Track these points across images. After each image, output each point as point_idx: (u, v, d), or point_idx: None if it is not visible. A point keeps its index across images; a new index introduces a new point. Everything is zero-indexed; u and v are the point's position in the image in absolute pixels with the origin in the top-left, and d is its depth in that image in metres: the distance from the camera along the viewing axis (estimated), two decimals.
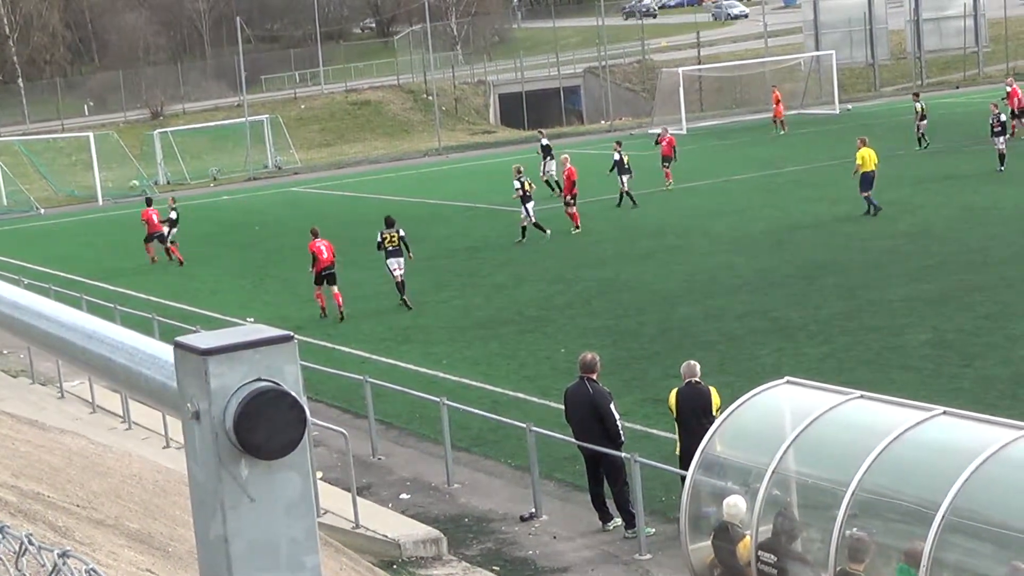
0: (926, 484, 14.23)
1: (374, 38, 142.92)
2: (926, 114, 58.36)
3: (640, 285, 35.78)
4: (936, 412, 14.89)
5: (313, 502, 2.29)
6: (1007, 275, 32.92)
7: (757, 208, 46.45)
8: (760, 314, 31.39)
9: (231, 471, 2.20)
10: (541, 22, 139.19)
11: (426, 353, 30.97)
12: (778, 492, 15.51)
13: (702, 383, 19.11)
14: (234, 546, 2.22)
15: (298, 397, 2.22)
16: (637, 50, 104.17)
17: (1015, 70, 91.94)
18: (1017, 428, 13.93)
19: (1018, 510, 13.30)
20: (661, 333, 30.48)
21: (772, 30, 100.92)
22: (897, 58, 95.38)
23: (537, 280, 37.98)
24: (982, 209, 42.20)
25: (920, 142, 57.83)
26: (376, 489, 22.66)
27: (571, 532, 20.07)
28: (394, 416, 26.27)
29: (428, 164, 73.87)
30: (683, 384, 19.22)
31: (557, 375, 27.60)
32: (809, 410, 15.67)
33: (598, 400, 19.52)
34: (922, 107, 58.39)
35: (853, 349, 27.81)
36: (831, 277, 34.60)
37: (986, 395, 23.54)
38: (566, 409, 20.31)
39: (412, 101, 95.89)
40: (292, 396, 2.22)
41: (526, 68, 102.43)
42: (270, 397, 2.19)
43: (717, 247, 40.04)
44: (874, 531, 14.40)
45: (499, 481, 22.60)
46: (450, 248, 44.14)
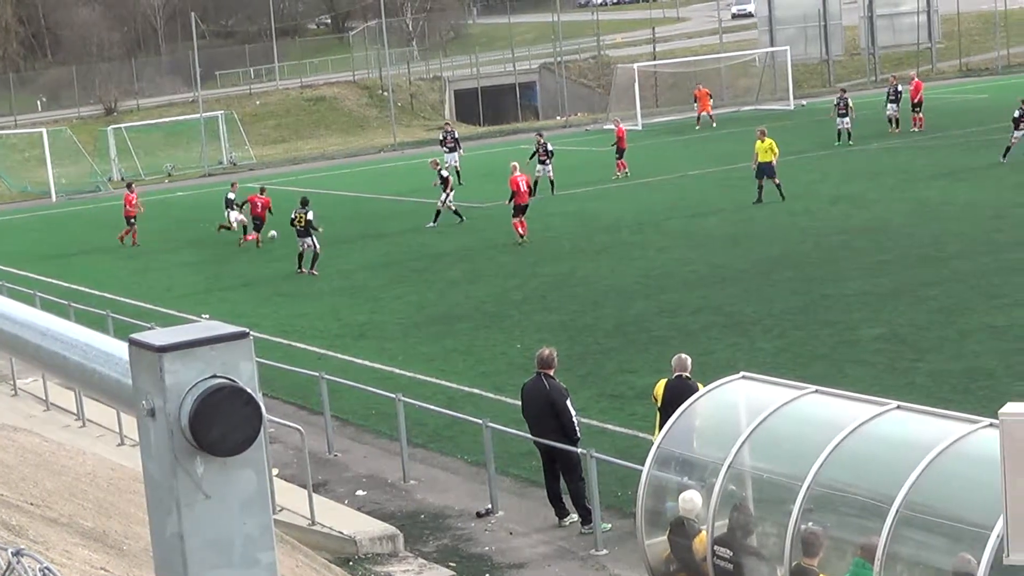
0: (880, 478, 14.31)
1: (329, 34, 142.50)
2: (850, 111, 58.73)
3: (596, 280, 35.82)
4: (890, 406, 14.96)
5: (269, 499, 2.29)
6: (959, 270, 33.10)
7: (712, 203, 46.57)
8: (715, 309, 31.47)
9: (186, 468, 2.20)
10: (497, 18, 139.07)
11: (382, 349, 30.93)
12: (734, 487, 15.57)
13: (691, 378, 19.09)
14: (189, 543, 2.22)
15: (253, 394, 2.23)
16: (592, 46, 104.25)
17: (967, 66, 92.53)
18: (969, 422, 14.02)
19: (969, 503, 13.38)
20: (617, 328, 30.52)
21: (727, 26, 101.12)
22: (851, 54, 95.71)
23: (493, 276, 37.98)
24: (935, 204, 42.43)
25: (840, 136, 58.37)
26: (332, 486, 22.63)
27: (527, 528, 20.09)
28: (350, 413, 26.23)
29: (383, 160, 73.74)
30: (672, 376, 19.24)
31: (513, 371, 27.61)
32: (764, 405, 15.73)
33: (554, 396, 19.54)
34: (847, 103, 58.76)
35: (807, 344, 27.92)
36: (785, 272, 34.72)
37: (939, 389, 23.68)
38: (523, 405, 20.33)
39: (367, 97, 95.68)
40: (247, 393, 2.22)
41: (482, 64, 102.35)
42: (225, 394, 2.19)
43: (672, 242, 40.13)
44: (829, 525, 14.47)
45: (455, 477, 22.60)
46: (405, 244, 44.08)
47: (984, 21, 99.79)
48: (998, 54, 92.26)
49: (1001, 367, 24.97)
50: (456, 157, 58.14)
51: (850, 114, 58.47)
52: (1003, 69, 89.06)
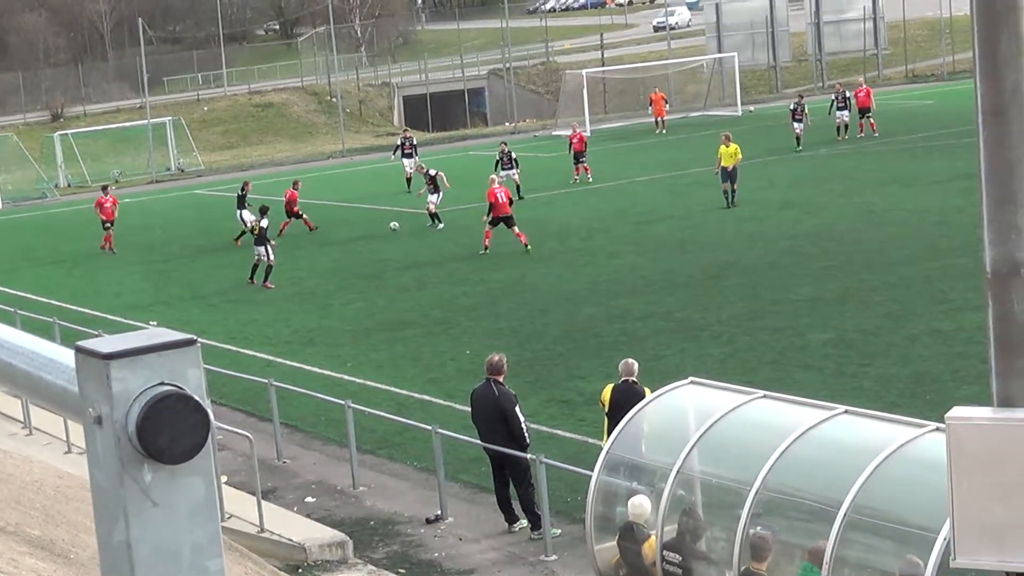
0: (828, 482, 14.38)
1: (277, 40, 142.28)
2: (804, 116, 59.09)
3: (544, 286, 35.86)
4: (838, 411, 15.05)
5: (217, 506, 2.29)
6: (906, 275, 33.30)
7: (661, 209, 46.70)
8: (664, 315, 31.55)
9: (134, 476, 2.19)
10: (445, 24, 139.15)
11: (331, 356, 30.87)
12: (683, 492, 15.61)
13: (638, 383, 19.11)
14: (137, 552, 2.22)
15: (201, 401, 2.22)
16: (541, 52, 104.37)
17: (913, 72, 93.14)
18: (916, 426, 14.11)
19: (916, 506, 13.47)
20: (565, 334, 30.56)
21: (675, 32, 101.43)
22: (798, 60, 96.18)
23: (441, 282, 37.96)
24: (882, 210, 42.67)
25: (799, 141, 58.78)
26: (281, 493, 22.56)
27: (477, 534, 20.09)
28: (299, 419, 26.16)
29: (332, 166, 73.62)
30: (619, 381, 19.26)
31: (462, 377, 27.59)
32: (713, 410, 15.79)
33: (503, 402, 19.55)
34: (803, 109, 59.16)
35: (756, 349, 28.03)
36: (734, 278, 34.85)
37: (886, 394, 23.82)
38: (472, 411, 20.32)
39: (316, 103, 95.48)
40: (195, 400, 2.21)
41: (430, 70, 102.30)
42: (173, 401, 2.19)
43: (621, 248, 40.20)
44: (777, 530, 14.54)
45: (405, 483, 22.57)
46: (354, 250, 44.01)
47: (930, 28, 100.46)
48: (944, 60, 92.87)
49: (947, 371, 25.13)
50: (414, 163, 57.83)
51: (805, 120, 58.71)
52: (948, 75, 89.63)
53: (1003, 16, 9.22)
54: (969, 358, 25.15)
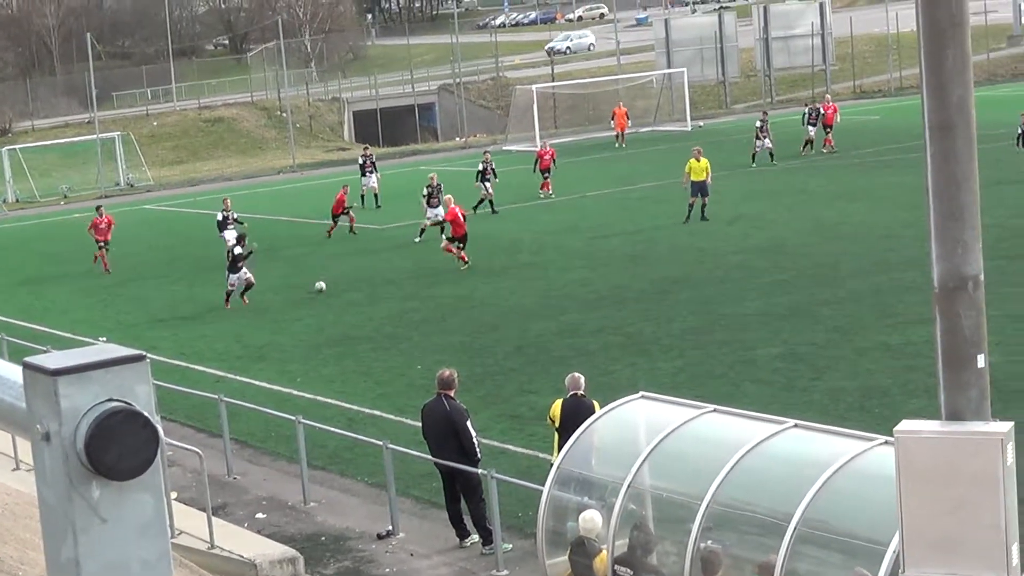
0: (778, 496, 14.43)
1: (227, 55, 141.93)
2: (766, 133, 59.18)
3: (495, 301, 35.86)
4: (787, 425, 15.11)
5: (166, 523, 2.28)
6: (855, 289, 33.48)
7: (611, 224, 46.77)
8: (614, 329, 31.61)
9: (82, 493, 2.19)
10: (395, 39, 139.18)
11: (281, 371, 30.78)
12: (634, 506, 15.63)
13: (586, 396, 19.14)
14: (86, 568, 2.21)
15: (150, 417, 2.22)
16: (491, 67, 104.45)
17: (861, 88, 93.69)
18: (865, 440, 14.18)
19: (866, 520, 13.53)
20: (516, 349, 30.57)
21: (624, 48, 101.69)
22: (747, 76, 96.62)
23: (392, 297, 37.91)
24: (831, 224, 42.88)
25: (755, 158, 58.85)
26: (232, 509, 22.47)
27: (428, 549, 20.05)
28: (249, 435, 26.07)
29: (283, 181, 73.44)
30: (567, 396, 19.28)
31: (413, 392, 27.56)
32: (663, 424, 15.82)
33: (455, 417, 19.54)
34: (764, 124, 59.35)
35: (706, 363, 28.11)
36: (684, 292, 34.95)
37: (836, 407, 23.92)
38: (423, 425, 20.28)
39: (266, 118, 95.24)
40: (144, 416, 2.21)
41: (381, 85, 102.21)
42: (121, 417, 2.18)
43: (572, 263, 40.26)
44: (728, 543, 14.57)
45: (356, 499, 22.52)
46: (305, 265, 43.87)
47: (877, 44, 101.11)
48: (891, 76, 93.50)
49: (896, 385, 25.26)
50: (374, 180, 57.53)
51: (768, 136, 58.78)
52: (896, 91, 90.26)
53: (948, 33, 9.30)
54: (917, 371, 25.28)
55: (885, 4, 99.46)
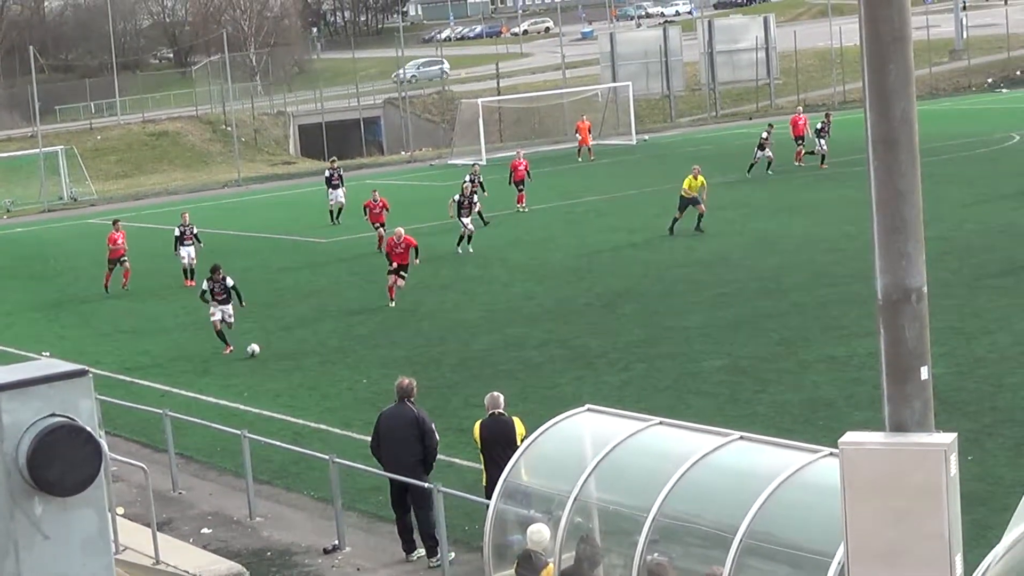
0: (724, 508, 14.46)
1: (171, 68, 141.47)
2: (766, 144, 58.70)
3: (440, 315, 35.84)
4: (733, 437, 15.15)
5: (110, 538, 2.27)
6: (799, 302, 33.64)
7: (556, 237, 46.85)
8: (560, 343, 31.64)
9: (24, 509, 2.18)
10: (340, 53, 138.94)
11: (227, 385, 30.65)
12: (580, 519, 15.63)
13: (505, 414, 19.17)
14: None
15: (93, 432, 2.21)
16: (437, 81, 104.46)
17: (805, 101, 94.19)
18: (811, 452, 14.24)
19: (811, 531, 13.58)
20: (462, 363, 30.57)
21: (570, 61, 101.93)
22: (692, 89, 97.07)
23: (338, 311, 37.83)
24: (774, 237, 43.08)
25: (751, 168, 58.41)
26: (177, 524, 22.36)
27: (374, 563, 20.02)
28: (195, 450, 25.95)
29: (228, 195, 73.19)
30: (487, 416, 19.27)
31: (359, 406, 27.54)
32: (609, 437, 15.83)
33: (422, 418, 19.57)
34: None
35: (651, 376, 28.18)
36: (629, 305, 35.02)
37: (780, 420, 24.02)
38: (380, 433, 20.07)
39: (211, 132, 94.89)
40: (87, 432, 2.20)
41: (326, 99, 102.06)
42: (64, 433, 2.17)
43: (517, 276, 40.29)
44: (675, 556, 14.59)
45: (302, 513, 22.45)
46: (251, 279, 43.63)
47: (821, 58, 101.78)
48: (835, 90, 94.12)
49: (841, 397, 25.39)
50: (341, 195, 55.40)
51: (769, 147, 58.21)
52: (840, 104, 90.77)
53: (891, 47, 9.36)
54: (862, 384, 25.44)
55: (829, 18, 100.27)
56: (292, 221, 57.21)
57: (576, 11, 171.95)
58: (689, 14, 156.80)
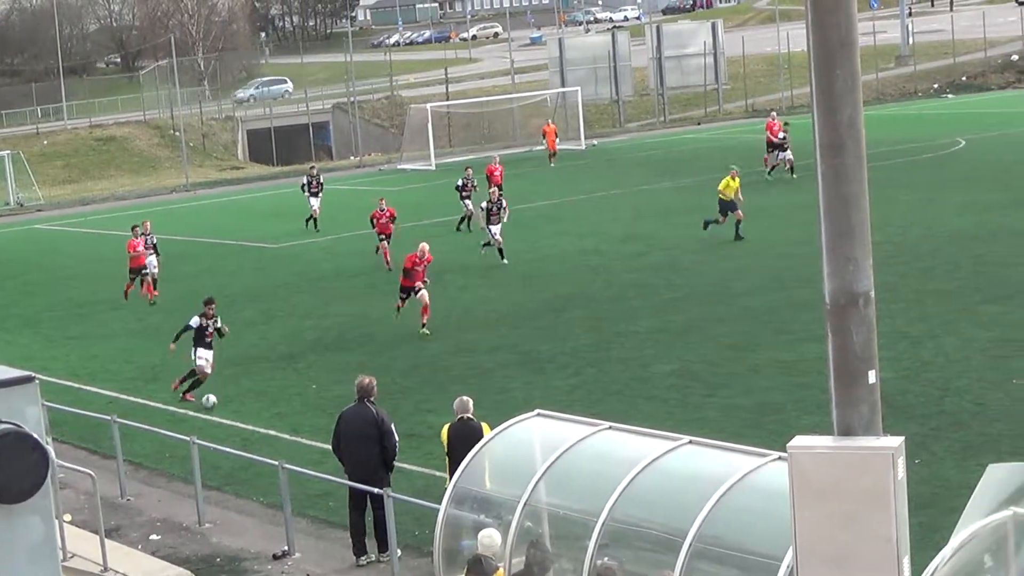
0: (674, 512, 14.49)
1: (119, 73, 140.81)
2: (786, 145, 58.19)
3: (392, 320, 35.76)
4: (682, 441, 15.19)
5: (57, 546, 2.26)
6: (749, 306, 33.76)
7: (506, 243, 46.80)
8: (510, 348, 31.65)
9: None
10: (289, 57, 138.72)
11: (176, 392, 30.48)
12: (530, 524, 15.64)
13: (474, 419, 19.16)
14: None
15: (40, 439, 2.20)
16: (386, 86, 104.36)
17: (753, 107, 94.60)
18: (759, 456, 14.29)
19: (761, 535, 13.62)
20: (413, 368, 30.53)
21: (518, 67, 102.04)
22: (641, 95, 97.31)
23: (287, 316, 37.74)
24: (724, 242, 43.20)
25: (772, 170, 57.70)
26: (125, 531, 22.25)
27: (325, 569, 19.97)
28: (143, 456, 25.82)
29: (176, 200, 72.87)
30: (455, 420, 19.29)
31: (308, 411, 27.49)
32: (559, 442, 15.85)
33: (382, 418, 19.62)
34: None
35: (601, 381, 28.22)
36: (579, 310, 35.07)
37: (730, 424, 24.08)
38: (340, 432, 20.07)
39: (159, 137, 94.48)
40: (34, 438, 2.19)
41: (275, 104, 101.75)
42: (10, 440, 2.16)
43: (468, 282, 40.27)
44: (624, 560, 14.61)
45: (251, 520, 22.38)
46: (199, 285, 43.40)
47: (768, 63, 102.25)
48: (783, 95, 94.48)
49: (790, 401, 25.50)
50: (316, 204, 53.48)
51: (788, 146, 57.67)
52: (788, 109, 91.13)
53: (838, 53, 9.41)
54: (810, 388, 25.54)
55: (776, 24, 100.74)
56: (241, 226, 57.02)
57: (525, 16, 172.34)
58: (638, 19, 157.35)
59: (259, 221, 57.52)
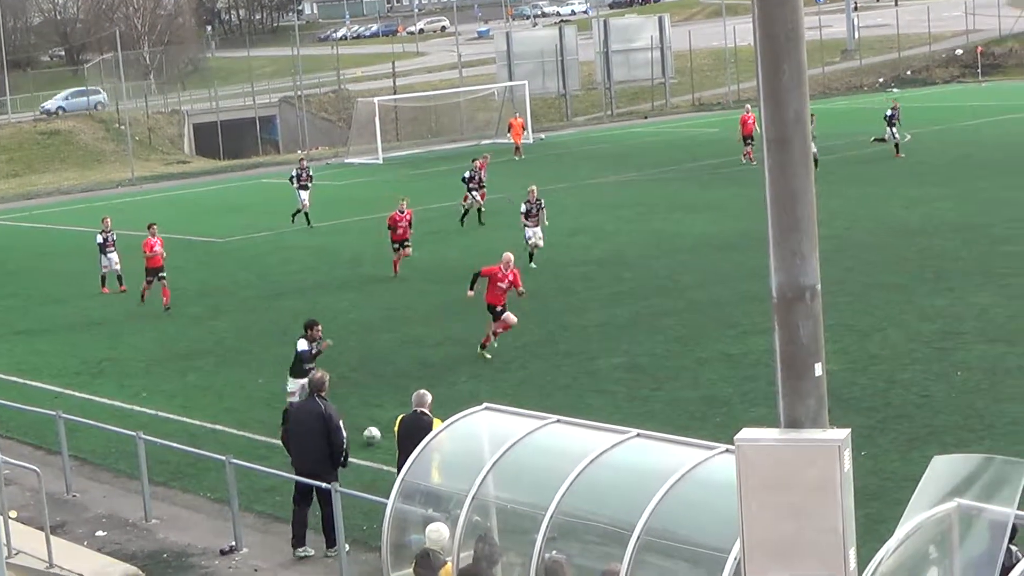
0: (621, 506, 14.52)
1: (64, 66, 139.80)
2: None
3: (338, 314, 35.68)
4: (630, 435, 15.22)
5: (1, 542, 2.25)
6: (695, 299, 33.87)
7: (452, 237, 46.82)
8: (458, 341, 31.63)
9: None
10: (235, 51, 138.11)
11: (122, 386, 30.36)
12: (478, 518, 15.64)
13: (428, 414, 19.17)
14: None
15: None
16: (332, 80, 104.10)
17: (700, 101, 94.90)
18: (707, 448, 14.33)
19: (708, 527, 13.66)
20: (360, 362, 30.47)
21: (466, 60, 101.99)
22: (588, 88, 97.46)
23: (234, 311, 37.60)
24: (671, 236, 43.33)
25: None
26: (71, 527, 22.12)
27: (272, 564, 19.91)
28: (89, 452, 25.66)
29: (121, 195, 72.44)
30: (410, 412, 19.35)
31: (255, 406, 27.41)
32: (507, 436, 15.86)
33: (330, 413, 19.57)
34: None
35: (549, 374, 28.25)
36: (526, 304, 35.04)
37: (677, 417, 24.16)
38: (288, 427, 20.07)
39: (104, 130, 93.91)
40: None
41: (221, 98, 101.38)
42: None
43: (415, 275, 40.20)
44: (572, 553, 14.63)
45: (198, 515, 22.28)
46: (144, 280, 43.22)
47: (715, 57, 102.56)
48: (729, 89, 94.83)
49: (736, 394, 25.60)
50: (306, 197, 51.72)
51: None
52: (734, 103, 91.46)
53: (784, 47, 9.45)
54: (757, 380, 25.66)
55: (723, 18, 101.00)
56: (188, 220, 56.74)
57: (472, 10, 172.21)
58: (585, 13, 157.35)
59: (206, 215, 57.30)
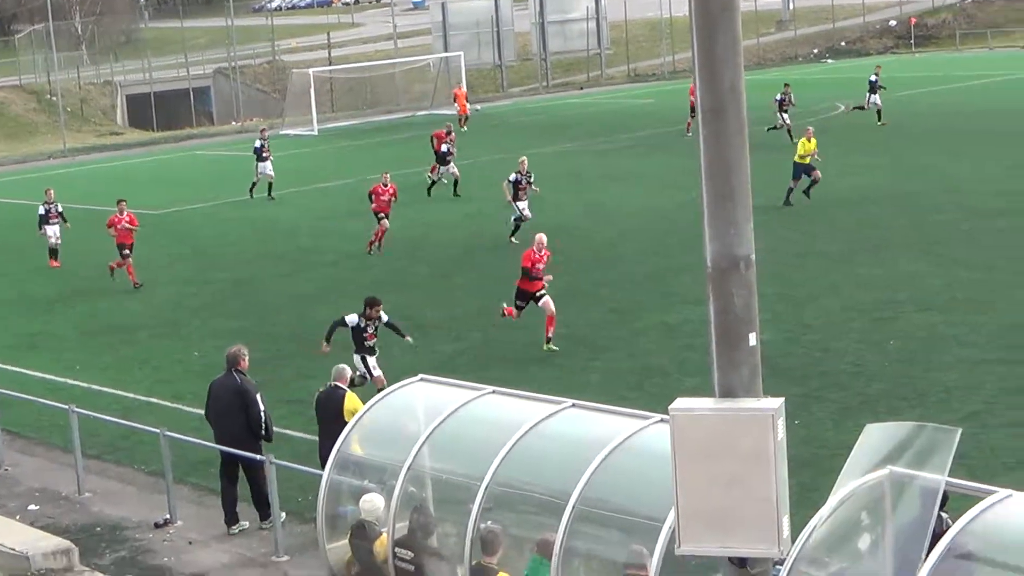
0: (557, 475, 14.56)
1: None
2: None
3: (274, 286, 35.59)
4: (565, 405, 15.25)
5: None
6: (632, 271, 33.96)
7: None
8: (395, 313, 31.40)
9: None
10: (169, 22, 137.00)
11: (56, 360, 30.14)
12: (414, 489, 15.66)
13: (342, 387, 19.22)
14: None
15: None
16: (267, 51, 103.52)
17: (635, 71, 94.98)
18: (642, 419, 14.38)
19: (643, 497, 13.71)
20: (295, 334, 30.37)
21: (401, 31, 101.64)
22: (523, 59, 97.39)
23: (169, 282, 37.40)
24: (608, 207, 43.40)
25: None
26: (3, 500, 21.97)
27: (207, 537, 19.85)
28: (21, 425, 25.46)
29: (53, 166, 71.80)
30: (326, 386, 19.43)
31: (191, 378, 27.27)
32: (442, 407, 15.87)
33: (245, 388, 19.54)
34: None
35: (488, 345, 28.29)
36: (464, 275, 35.09)
37: (614, 387, 24.23)
38: (209, 402, 20.11)
39: (35, 102, 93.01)
40: None
41: (154, 69, 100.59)
42: None
43: (352, 247, 40.09)
44: (507, 523, 14.66)
45: (132, 488, 22.18)
46: (78, 252, 42.90)
47: (651, 28, 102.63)
48: (664, 60, 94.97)
49: (673, 364, 25.71)
50: (270, 167, 50.88)
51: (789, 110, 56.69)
52: (669, 74, 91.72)
53: (719, 18, 9.46)
54: (694, 350, 25.77)
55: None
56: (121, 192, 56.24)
57: None
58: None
59: (140, 187, 56.85)
